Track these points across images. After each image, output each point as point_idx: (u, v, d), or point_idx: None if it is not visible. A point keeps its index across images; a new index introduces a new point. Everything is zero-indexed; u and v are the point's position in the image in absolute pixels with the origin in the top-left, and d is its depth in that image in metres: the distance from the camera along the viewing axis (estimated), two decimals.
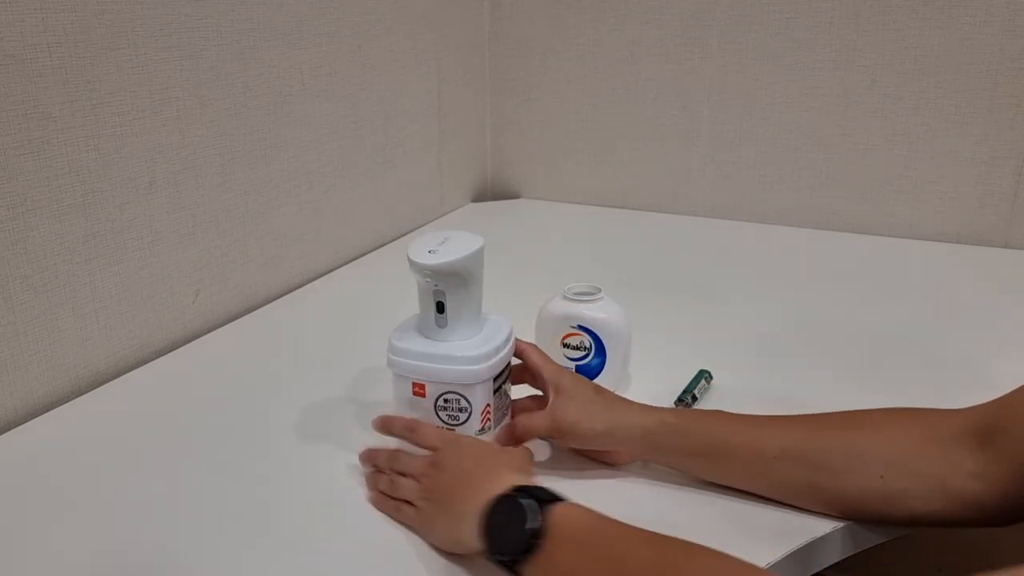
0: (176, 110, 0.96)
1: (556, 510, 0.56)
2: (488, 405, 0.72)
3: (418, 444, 0.70)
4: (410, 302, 0.74)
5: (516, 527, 0.55)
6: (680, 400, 0.83)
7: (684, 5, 1.41)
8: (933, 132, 1.31)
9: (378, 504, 0.69)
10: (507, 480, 0.60)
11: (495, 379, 0.72)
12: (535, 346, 0.76)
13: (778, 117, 1.40)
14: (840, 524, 0.66)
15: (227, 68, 1.01)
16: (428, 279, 0.69)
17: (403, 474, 0.69)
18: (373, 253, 1.33)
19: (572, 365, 0.83)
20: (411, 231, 1.42)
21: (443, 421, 0.72)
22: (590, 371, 0.83)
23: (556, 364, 0.74)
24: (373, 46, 1.26)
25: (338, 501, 0.71)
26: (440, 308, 0.70)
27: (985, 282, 1.21)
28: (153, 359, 0.97)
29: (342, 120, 1.22)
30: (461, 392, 0.70)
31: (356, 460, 0.75)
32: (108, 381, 0.92)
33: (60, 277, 0.86)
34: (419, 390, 0.71)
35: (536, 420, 0.71)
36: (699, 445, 0.69)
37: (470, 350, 0.70)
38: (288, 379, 0.92)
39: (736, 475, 0.69)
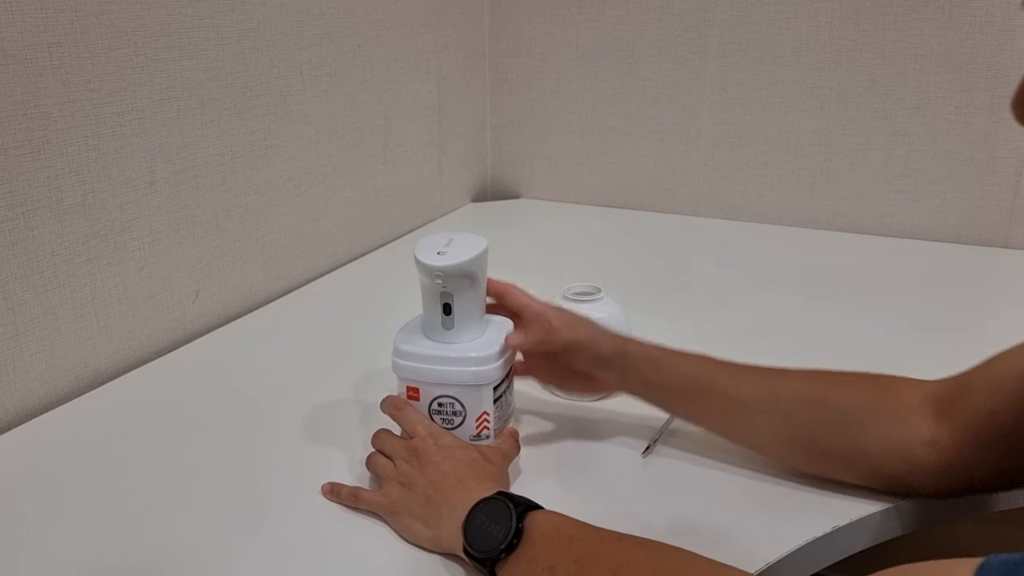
0: (176, 110, 0.96)
1: (534, 514, 0.58)
2: (486, 412, 0.72)
3: (400, 425, 0.71)
4: (410, 302, 0.75)
5: (497, 527, 0.57)
6: None
7: (684, 5, 1.41)
8: (933, 132, 1.31)
9: (329, 493, 0.70)
10: (490, 489, 0.62)
11: (496, 387, 0.72)
12: (513, 285, 0.76)
13: (778, 117, 1.40)
14: (839, 524, 0.66)
15: (227, 68, 1.02)
16: (438, 281, 0.68)
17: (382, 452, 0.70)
18: (373, 253, 1.33)
19: None
20: (411, 231, 1.42)
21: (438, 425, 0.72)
22: None
23: (540, 302, 0.75)
24: (373, 46, 1.26)
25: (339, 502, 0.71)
26: (447, 310, 0.70)
27: (985, 282, 1.21)
28: (153, 359, 0.97)
29: (342, 120, 1.22)
30: (455, 396, 0.70)
31: (355, 459, 0.76)
32: (108, 381, 0.92)
33: (60, 277, 0.86)
34: (412, 394, 0.71)
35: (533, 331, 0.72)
36: (681, 383, 0.72)
37: (478, 351, 0.70)
38: (288, 379, 0.92)
39: (712, 417, 0.72)
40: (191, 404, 0.87)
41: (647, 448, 0.76)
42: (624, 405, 0.84)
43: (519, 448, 0.73)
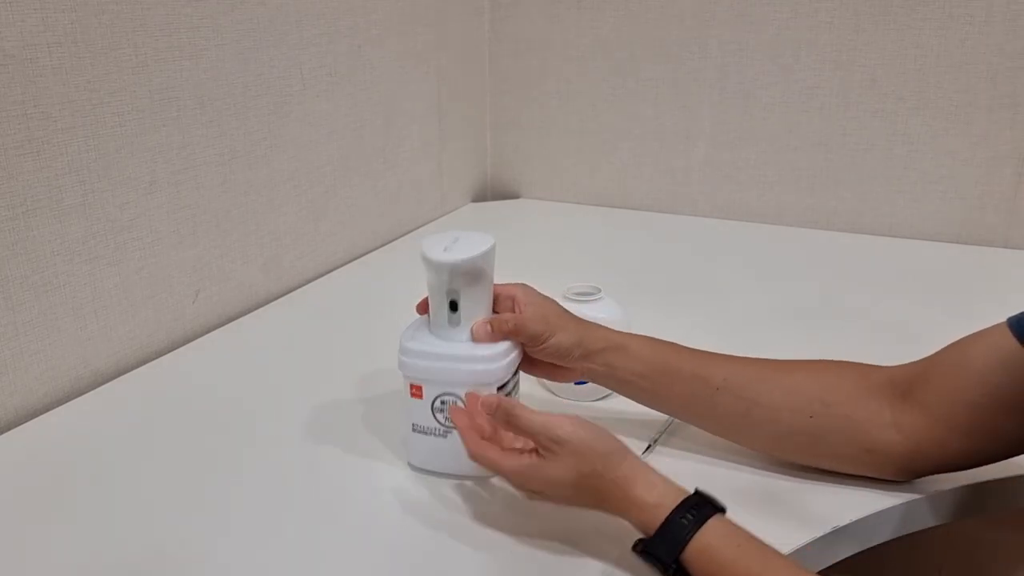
0: (176, 110, 0.96)
1: (688, 560, 0.56)
2: None
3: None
4: (411, 302, 0.74)
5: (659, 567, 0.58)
6: None
7: (684, 5, 1.41)
8: (933, 132, 1.31)
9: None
10: (626, 511, 0.60)
11: (501, 387, 0.71)
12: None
13: (778, 117, 1.40)
14: (839, 525, 0.66)
15: (227, 68, 1.02)
16: (444, 277, 0.68)
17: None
18: (373, 253, 1.33)
19: None
20: (411, 231, 1.42)
21: (440, 423, 0.71)
22: None
23: (508, 288, 0.74)
24: (373, 46, 1.26)
25: (338, 500, 0.71)
26: (453, 307, 0.69)
27: (985, 282, 1.21)
28: (153, 359, 0.97)
29: (342, 120, 1.22)
30: (458, 395, 0.69)
31: (355, 460, 0.76)
32: (108, 381, 0.92)
33: (60, 277, 0.86)
34: (416, 391, 0.71)
35: (516, 318, 0.70)
36: (649, 367, 0.72)
37: (484, 350, 0.69)
38: (288, 379, 0.92)
39: (680, 401, 0.73)
40: (191, 404, 0.87)
41: (647, 448, 0.76)
42: (624, 405, 0.84)
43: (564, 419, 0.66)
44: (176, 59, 0.95)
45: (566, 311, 0.75)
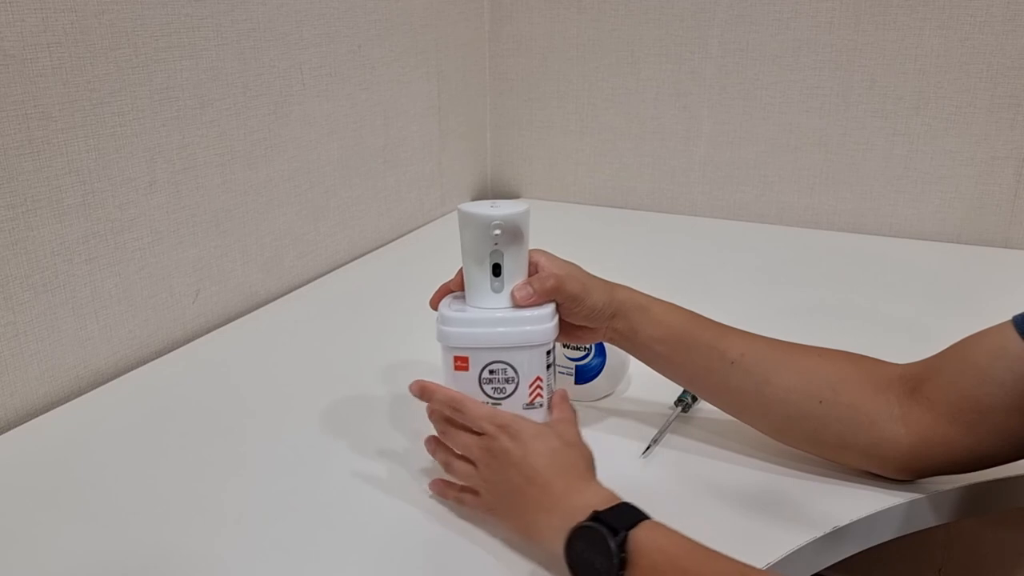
0: (176, 110, 0.96)
1: (638, 537, 0.55)
2: (539, 378, 0.68)
3: (466, 424, 0.66)
4: (412, 302, 0.74)
5: (599, 558, 0.55)
6: (680, 400, 0.83)
7: (684, 5, 1.41)
8: (933, 132, 1.31)
9: (439, 493, 0.69)
10: (580, 491, 0.60)
11: (549, 351, 0.68)
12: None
13: (778, 117, 1.40)
14: (839, 525, 0.66)
15: (227, 68, 1.02)
16: (496, 232, 0.66)
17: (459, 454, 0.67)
18: (373, 253, 1.33)
19: (572, 365, 0.83)
20: (411, 231, 1.42)
21: (488, 395, 0.67)
22: (590, 371, 0.83)
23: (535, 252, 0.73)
24: (373, 46, 1.26)
25: (338, 500, 0.71)
26: (496, 271, 0.68)
27: (985, 282, 1.21)
28: (153, 359, 0.97)
29: (342, 120, 1.22)
30: (508, 361, 0.67)
31: (357, 459, 0.75)
32: (108, 381, 0.92)
33: (60, 277, 0.86)
34: (461, 363, 0.67)
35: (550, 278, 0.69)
36: (669, 333, 0.72)
37: (530, 311, 0.67)
38: (288, 379, 0.92)
39: (694, 370, 0.72)
40: (191, 404, 0.87)
41: (647, 448, 0.76)
42: (624, 404, 0.84)
43: (574, 408, 0.70)
44: (176, 59, 0.95)
45: (589, 272, 0.73)
